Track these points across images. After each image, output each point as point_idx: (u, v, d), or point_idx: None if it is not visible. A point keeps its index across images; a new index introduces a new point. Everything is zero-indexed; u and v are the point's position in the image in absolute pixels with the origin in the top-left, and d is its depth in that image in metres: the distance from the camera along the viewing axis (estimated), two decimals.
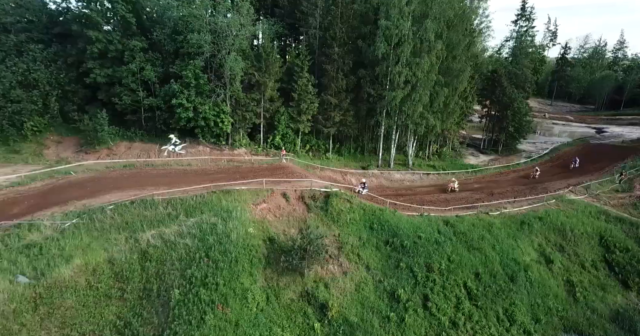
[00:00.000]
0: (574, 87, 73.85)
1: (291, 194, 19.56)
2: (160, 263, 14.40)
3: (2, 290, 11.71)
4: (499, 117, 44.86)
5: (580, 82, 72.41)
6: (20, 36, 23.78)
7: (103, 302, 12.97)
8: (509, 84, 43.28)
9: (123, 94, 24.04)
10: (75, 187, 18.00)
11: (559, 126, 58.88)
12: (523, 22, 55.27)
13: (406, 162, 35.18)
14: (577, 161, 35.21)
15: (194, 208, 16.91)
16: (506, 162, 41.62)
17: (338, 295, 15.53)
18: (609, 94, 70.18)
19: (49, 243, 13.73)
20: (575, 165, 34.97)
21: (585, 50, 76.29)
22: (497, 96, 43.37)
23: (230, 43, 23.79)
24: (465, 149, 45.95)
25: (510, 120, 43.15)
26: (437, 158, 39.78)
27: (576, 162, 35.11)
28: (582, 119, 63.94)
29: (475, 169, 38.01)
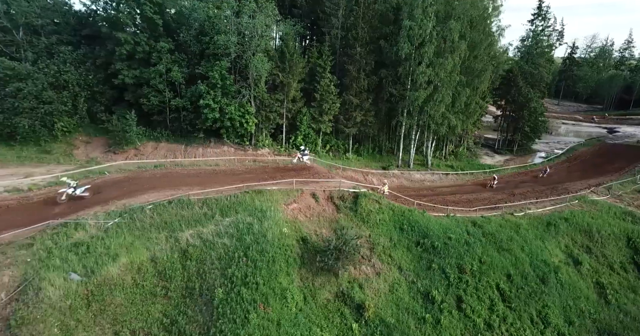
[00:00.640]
0: (580, 87, 73.28)
1: (320, 195, 19.69)
2: (200, 262, 14.63)
3: (58, 287, 12.03)
4: (514, 117, 44.57)
5: (587, 81, 71.87)
6: (51, 38, 24.23)
7: (149, 300, 13.24)
8: (524, 84, 42.96)
9: (150, 95, 24.37)
10: (112, 187, 18.32)
11: (569, 125, 58.40)
12: (539, 21, 54.74)
13: (424, 162, 35.18)
14: (547, 171, 33.65)
15: (228, 207, 17.12)
16: (522, 163, 41.48)
17: (372, 295, 15.64)
18: (618, 94, 69.54)
19: (95, 241, 14.03)
20: (544, 174, 33.34)
21: (592, 50, 75.66)
22: (513, 96, 43.07)
23: (255, 44, 23.96)
24: (480, 149, 45.84)
25: (526, 120, 42.92)
26: (453, 158, 39.79)
27: (545, 172, 33.52)
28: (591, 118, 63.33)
29: (492, 169, 37.94)
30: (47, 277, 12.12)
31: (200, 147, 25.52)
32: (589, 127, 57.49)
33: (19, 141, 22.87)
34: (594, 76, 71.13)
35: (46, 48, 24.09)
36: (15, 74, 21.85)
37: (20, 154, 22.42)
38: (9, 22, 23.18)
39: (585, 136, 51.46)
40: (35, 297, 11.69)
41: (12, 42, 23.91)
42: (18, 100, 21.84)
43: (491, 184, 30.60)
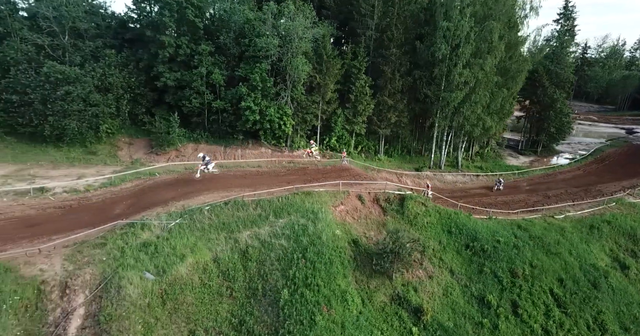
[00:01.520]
0: (592, 87, 72.10)
1: (366, 197, 19.76)
2: (260, 263, 14.87)
3: (136, 285, 12.40)
4: (539, 118, 43.96)
5: (598, 82, 70.59)
6: (97, 42, 24.83)
7: (216, 299, 13.53)
8: (550, 84, 42.31)
9: (192, 98, 24.77)
10: (166, 188, 18.71)
11: (584, 126, 57.39)
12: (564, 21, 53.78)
13: (454, 163, 34.98)
14: (502, 183, 29.48)
15: (280, 209, 17.34)
16: (546, 164, 41.02)
17: (427, 299, 15.65)
18: (631, 94, 68.06)
19: (162, 242, 14.39)
20: (499, 188, 29.26)
21: (602, 50, 74.22)
22: (538, 96, 42.45)
23: (295, 46, 24.13)
24: (503, 150, 45.39)
25: (552, 121, 42.31)
26: (479, 159, 39.54)
27: (500, 184, 29.37)
28: (607, 119, 62.31)
29: (520, 170, 37.58)
30: (126, 276, 12.50)
31: (238, 148, 25.86)
32: (606, 127, 56.55)
33: (67, 143, 23.54)
34: (605, 76, 69.98)
35: (91, 51, 24.69)
36: (64, 78, 22.47)
37: (69, 155, 23.09)
38: (58, 26, 23.83)
39: (606, 136, 50.54)
40: (117, 295, 12.08)
41: (58, 46, 24.58)
42: (67, 103, 22.47)
43: (498, 187, 29.44)
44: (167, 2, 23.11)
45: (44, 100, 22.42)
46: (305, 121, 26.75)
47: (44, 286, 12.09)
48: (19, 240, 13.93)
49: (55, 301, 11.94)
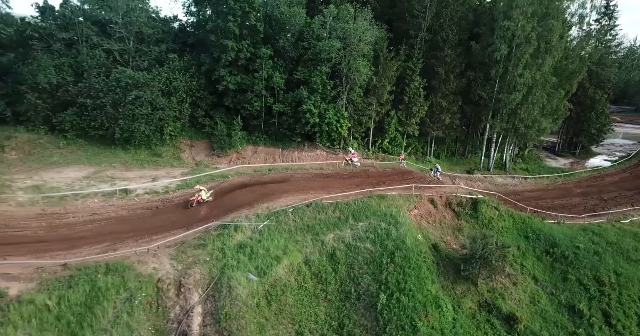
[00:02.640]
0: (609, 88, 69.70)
1: (438, 200, 19.65)
2: (349, 266, 15.02)
3: (244, 286, 12.77)
4: (578, 119, 42.74)
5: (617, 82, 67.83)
6: (161, 46, 25.59)
7: (313, 302, 13.77)
8: (590, 85, 40.98)
9: (253, 101, 25.21)
10: (241, 190, 19.12)
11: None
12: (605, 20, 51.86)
13: (500, 165, 34.37)
14: (438, 171, 25.22)
15: (358, 212, 17.44)
16: (584, 165, 39.98)
17: (515, 306, 15.44)
18: None
19: (255, 243, 14.74)
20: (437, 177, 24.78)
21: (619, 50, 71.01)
22: (578, 97, 41.24)
23: (356, 48, 24.18)
24: (540, 151, 44.36)
25: (593, 122, 41.09)
26: (521, 161, 38.75)
27: (437, 172, 25.04)
28: (630, 119, 60.42)
29: (565, 172, 36.62)
30: (234, 276, 12.88)
31: (295, 151, 26.15)
32: (634, 128, 54.82)
33: (134, 145, 24.39)
34: (622, 76, 67.25)
35: (155, 56, 25.44)
36: (134, 83, 23.28)
37: (137, 158, 23.90)
38: (126, 32, 24.69)
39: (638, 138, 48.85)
40: (229, 295, 12.46)
41: (125, 51, 25.47)
42: (136, 106, 23.27)
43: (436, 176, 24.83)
44: (232, 7, 23.55)
45: (115, 104, 23.31)
46: (360, 123, 26.78)
47: (160, 284, 12.62)
48: (124, 239, 14.58)
49: (173, 298, 12.44)
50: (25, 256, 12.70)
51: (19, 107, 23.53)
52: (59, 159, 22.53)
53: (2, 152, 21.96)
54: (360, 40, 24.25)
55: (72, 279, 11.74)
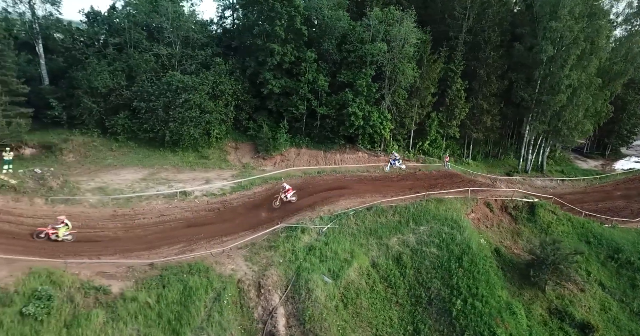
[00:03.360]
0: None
1: (493, 204, 19.55)
2: (416, 270, 15.11)
3: (322, 289, 13.02)
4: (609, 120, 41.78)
5: None
6: (207, 50, 26.16)
7: (386, 305, 13.91)
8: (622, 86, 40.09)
9: (298, 104, 25.52)
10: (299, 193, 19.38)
11: None
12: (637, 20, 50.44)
13: (536, 167, 33.90)
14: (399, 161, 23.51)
15: (417, 216, 17.50)
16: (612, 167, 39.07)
17: (585, 313, 15.25)
18: None
19: (322, 245, 14.97)
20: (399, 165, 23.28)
21: None
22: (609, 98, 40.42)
23: (403, 51, 24.23)
24: (569, 153, 43.57)
25: (624, 123, 40.10)
26: (553, 163, 38.13)
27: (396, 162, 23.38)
28: None
29: (600, 175, 35.85)
30: (311, 279, 13.13)
31: (337, 153, 26.33)
32: None
33: (182, 147, 24.98)
34: None
35: (202, 60, 26.01)
36: (184, 86, 23.86)
37: (186, 160, 24.44)
38: (175, 37, 25.32)
39: None
40: (309, 297, 12.72)
41: (172, 55, 26.11)
42: (186, 110, 23.84)
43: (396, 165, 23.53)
44: (279, 11, 23.90)
45: (166, 107, 23.94)
46: (403, 125, 26.81)
47: (241, 284, 12.95)
48: (197, 241, 15.01)
49: (254, 299, 12.76)
50: (114, 255, 13.21)
51: (73, 111, 24.41)
52: (113, 161, 23.24)
53: (61, 154, 22.77)
54: (405, 43, 24.28)
55: (162, 278, 12.15)
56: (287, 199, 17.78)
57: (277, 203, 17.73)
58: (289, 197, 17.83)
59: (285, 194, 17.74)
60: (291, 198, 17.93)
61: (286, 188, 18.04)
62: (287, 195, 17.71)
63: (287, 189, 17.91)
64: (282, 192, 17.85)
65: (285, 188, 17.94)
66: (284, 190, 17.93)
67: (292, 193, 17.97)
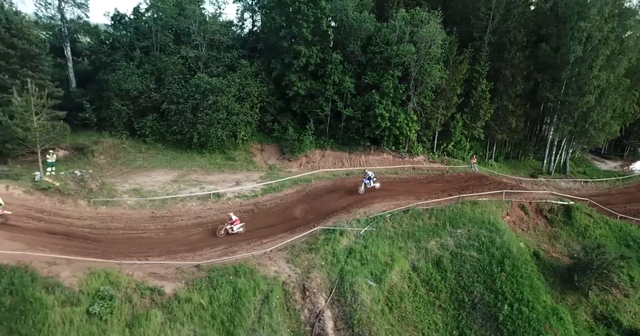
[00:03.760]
0: None
1: (528, 207, 19.33)
2: (457, 274, 14.99)
3: (366, 292, 13.00)
4: None
5: None
6: (232, 52, 26.37)
7: (430, 309, 13.83)
8: None
9: (323, 105, 25.57)
10: (329, 194, 19.42)
11: None
12: None
13: (558, 169, 33.44)
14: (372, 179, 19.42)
15: (453, 218, 17.36)
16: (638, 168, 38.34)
17: (631, 319, 14.97)
18: None
19: (361, 248, 14.92)
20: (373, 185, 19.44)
21: None
22: None
23: (427, 52, 24.13)
24: (586, 154, 42.93)
25: None
26: (573, 164, 37.59)
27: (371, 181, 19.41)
28: None
29: (622, 176, 35.24)
30: (356, 282, 13.13)
31: (362, 154, 26.30)
32: None
33: (209, 149, 25.20)
34: None
35: (228, 62, 26.21)
36: (211, 88, 24.08)
37: (214, 161, 24.64)
38: (201, 39, 25.58)
39: None
40: (355, 300, 12.70)
41: (198, 57, 26.37)
42: (213, 111, 24.04)
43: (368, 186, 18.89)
44: (305, 14, 23.98)
45: (194, 109, 24.19)
46: (428, 127, 26.67)
47: (286, 287, 13.00)
48: (237, 242, 15.10)
49: (300, 301, 12.79)
50: (161, 256, 13.37)
51: (102, 113, 24.79)
52: (143, 163, 23.54)
53: (92, 156, 23.15)
54: (432, 44, 24.17)
55: (211, 280, 12.23)
56: (233, 231, 15.28)
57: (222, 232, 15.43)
58: (235, 229, 15.33)
59: (231, 226, 15.29)
60: (238, 230, 15.41)
61: (233, 219, 15.53)
62: (234, 227, 15.32)
63: (234, 220, 15.48)
64: (228, 223, 15.36)
65: (231, 219, 15.46)
66: (230, 221, 15.41)
67: (239, 225, 15.48)
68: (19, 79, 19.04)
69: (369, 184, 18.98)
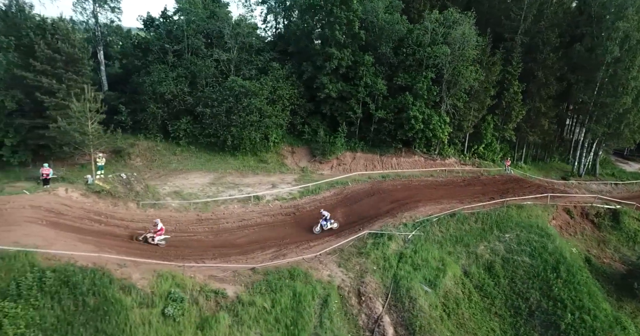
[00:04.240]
0: None
1: (573, 210, 18.90)
2: (510, 280, 14.68)
3: (423, 298, 12.83)
4: None
5: None
6: (264, 55, 26.54)
7: (486, 316, 13.57)
8: None
9: (355, 108, 25.51)
10: (368, 197, 19.30)
11: None
12: None
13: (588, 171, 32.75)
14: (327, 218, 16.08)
15: (500, 223, 17.04)
16: None
17: None
18: None
19: (411, 253, 14.73)
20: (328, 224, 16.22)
21: None
22: None
23: (461, 53, 23.90)
24: (610, 155, 42.04)
25: None
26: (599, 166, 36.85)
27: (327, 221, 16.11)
28: None
29: None
30: (412, 287, 12.97)
31: (393, 157, 26.12)
32: None
33: (241, 152, 25.34)
34: None
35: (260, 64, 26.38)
36: (245, 92, 24.23)
37: (247, 164, 24.75)
38: (234, 42, 25.79)
39: None
40: (413, 306, 12.53)
41: (230, 60, 26.60)
42: (247, 114, 24.18)
43: None
44: (338, 16, 24.01)
45: (228, 112, 24.37)
46: (461, 129, 26.37)
47: (341, 291, 12.91)
48: (286, 245, 15.07)
49: (356, 306, 12.67)
50: (216, 259, 13.43)
51: (136, 116, 25.15)
52: (178, 165, 23.77)
53: (129, 159, 23.47)
54: (467, 45, 23.93)
55: (269, 283, 12.17)
56: (154, 242, 13.32)
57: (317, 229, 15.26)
58: (157, 240, 13.36)
59: (153, 234, 13.31)
60: (159, 242, 13.43)
61: (158, 226, 13.43)
62: (156, 238, 13.37)
63: (160, 229, 13.43)
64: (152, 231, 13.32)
65: (157, 225, 13.43)
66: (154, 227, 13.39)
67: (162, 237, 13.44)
68: (65, 84, 19.52)
69: (326, 226, 16.11)
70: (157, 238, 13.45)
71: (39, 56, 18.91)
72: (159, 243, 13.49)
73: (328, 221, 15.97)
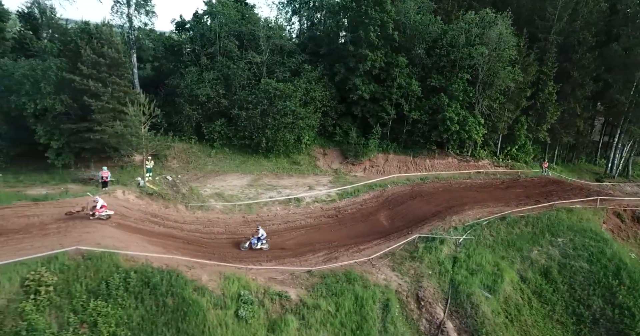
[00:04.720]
0: None
1: (623, 214, 18.34)
2: (569, 286, 14.24)
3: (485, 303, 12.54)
4: None
5: None
6: (297, 57, 26.64)
7: (548, 323, 13.20)
8: None
9: (388, 109, 25.36)
10: (410, 200, 19.06)
11: None
12: None
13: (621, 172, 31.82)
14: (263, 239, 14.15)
15: (551, 226, 16.63)
16: None
17: None
18: None
19: (465, 257, 14.47)
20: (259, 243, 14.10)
21: None
22: None
23: (498, 54, 23.56)
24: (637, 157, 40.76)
25: None
26: None
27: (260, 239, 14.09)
28: None
29: None
30: (473, 292, 12.70)
31: (427, 158, 25.83)
32: None
33: (274, 154, 25.41)
34: None
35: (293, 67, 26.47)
36: (280, 94, 24.31)
37: (281, 166, 24.77)
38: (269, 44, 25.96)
39: None
40: (476, 312, 12.27)
41: (262, 62, 26.75)
42: (281, 116, 24.25)
43: None
44: (372, 18, 23.96)
45: (262, 114, 24.49)
46: (495, 130, 25.95)
47: (399, 295, 12.72)
48: (336, 248, 14.94)
49: (416, 311, 12.45)
50: (271, 262, 13.40)
51: (171, 118, 25.46)
52: (213, 167, 23.93)
53: (166, 160, 23.75)
54: (504, 46, 23.57)
55: (329, 287, 12.06)
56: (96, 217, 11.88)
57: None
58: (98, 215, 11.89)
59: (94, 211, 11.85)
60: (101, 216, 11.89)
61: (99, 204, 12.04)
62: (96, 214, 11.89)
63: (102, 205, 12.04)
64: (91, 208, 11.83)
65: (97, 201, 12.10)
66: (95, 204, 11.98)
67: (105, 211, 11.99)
68: (109, 87, 19.91)
69: (255, 245, 13.85)
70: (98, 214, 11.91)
71: (85, 60, 19.35)
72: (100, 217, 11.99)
73: (260, 241, 13.86)
